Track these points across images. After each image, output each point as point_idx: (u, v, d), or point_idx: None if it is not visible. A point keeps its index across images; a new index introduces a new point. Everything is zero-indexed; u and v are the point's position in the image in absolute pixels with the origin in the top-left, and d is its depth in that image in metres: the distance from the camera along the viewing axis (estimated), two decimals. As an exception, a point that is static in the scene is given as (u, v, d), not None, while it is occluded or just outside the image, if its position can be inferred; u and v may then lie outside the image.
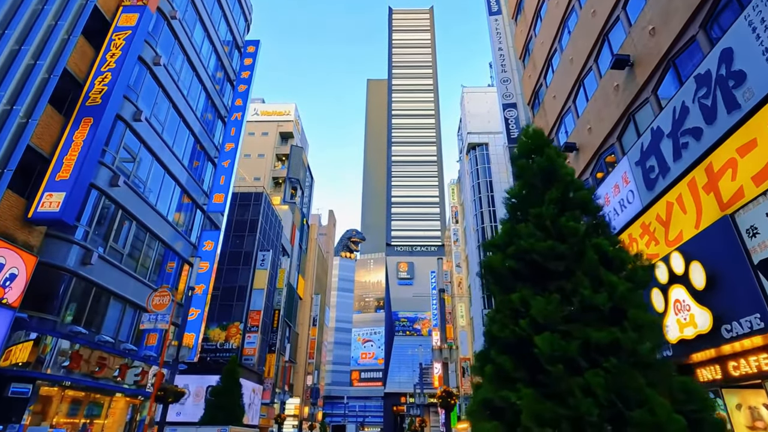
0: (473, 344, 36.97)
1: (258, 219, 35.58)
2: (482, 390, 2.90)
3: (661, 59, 10.74)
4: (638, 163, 11.18)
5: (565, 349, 2.59)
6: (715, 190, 8.34)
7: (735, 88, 7.90)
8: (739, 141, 7.81)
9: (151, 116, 21.09)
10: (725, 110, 8.11)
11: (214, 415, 13.33)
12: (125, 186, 18.75)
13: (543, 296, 2.90)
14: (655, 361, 2.71)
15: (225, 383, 14.10)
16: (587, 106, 14.88)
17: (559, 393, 2.51)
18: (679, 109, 9.49)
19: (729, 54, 8.07)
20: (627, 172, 11.71)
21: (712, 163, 8.47)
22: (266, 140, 55.70)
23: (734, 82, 7.92)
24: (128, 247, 19.41)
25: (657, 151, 10.32)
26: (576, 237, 3.21)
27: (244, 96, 30.51)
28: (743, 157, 7.70)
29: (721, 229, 7.88)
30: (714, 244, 8.01)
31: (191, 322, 22.90)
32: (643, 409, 2.34)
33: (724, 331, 7.55)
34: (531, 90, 21.07)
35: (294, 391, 48.64)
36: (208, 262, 24.63)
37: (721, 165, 8.23)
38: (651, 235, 10.63)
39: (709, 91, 8.57)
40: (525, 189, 4.02)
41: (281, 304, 40.08)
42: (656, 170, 10.39)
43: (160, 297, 13.10)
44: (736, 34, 7.97)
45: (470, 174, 39.27)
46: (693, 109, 9.03)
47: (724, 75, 8.16)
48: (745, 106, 7.67)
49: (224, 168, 27.61)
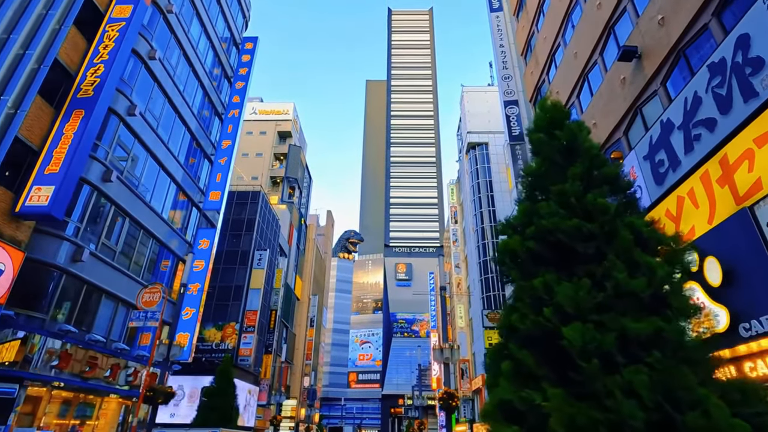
0: (472, 345, 36.57)
1: (255, 218, 35.14)
2: (499, 390, 2.51)
3: (670, 50, 10.39)
4: (647, 158, 10.82)
5: (599, 341, 2.21)
6: (731, 182, 7.97)
7: (752, 76, 7.54)
8: (757, 131, 7.45)
9: (145, 111, 20.67)
10: (741, 99, 7.75)
11: (207, 416, 12.89)
12: (118, 182, 18.33)
13: (570, 282, 2.52)
14: (704, 356, 2.34)
15: (219, 384, 13.67)
16: (592, 101, 14.53)
17: (594, 393, 2.14)
18: (691, 99, 9.13)
19: (746, 40, 7.72)
20: (635, 167, 11.35)
21: (727, 155, 8.11)
22: (264, 139, 55.28)
23: (751, 70, 7.56)
24: (121, 244, 18.96)
25: (667, 144, 9.96)
26: (606, 215, 2.83)
27: (242, 93, 30.12)
28: (761, 147, 7.34)
29: (738, 223, 7.51)
30: (731, 238, 7.64)
31: (186, 321, 22.46)
32: (696, 412, 1.97)
33: (743, 329, 7.17)
34: (533, 87, 20.72)
35: (291, 392, 48.13)
36: (204, 261, 24.20)
37: (737, 156, 7.86)
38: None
39: (723, 80, 8.21)
40: (544, 166, 3.63)
41: (278, 305, 39.61)
42: (666, 164, 10.02)
43: (151, 294, 12.66)
44: (753, 19, 7.62)
45: (470, 174, 38.92)
46: (706, 99, 8.67)
47: (741, 62, 7.80)
48: (763, 94, 7.32)
49: (221, 165, 27.19)
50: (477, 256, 35.47)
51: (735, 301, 7.38)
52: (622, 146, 12.87)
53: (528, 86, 21.75)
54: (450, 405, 10.18)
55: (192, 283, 23.55)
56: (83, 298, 16.33)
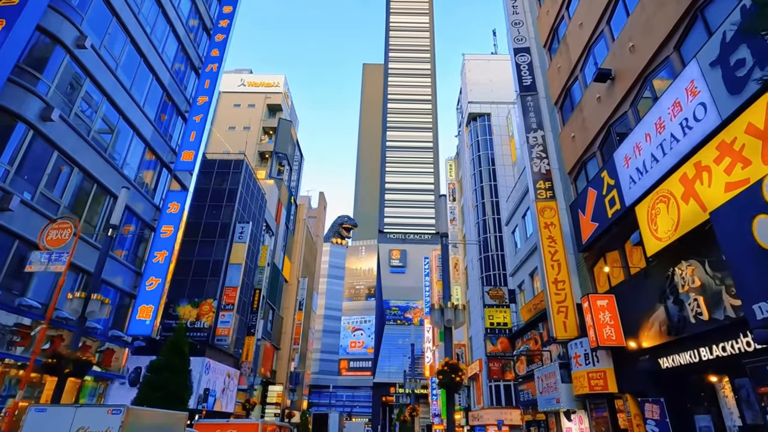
0: (469, 329, 34.26)
1: (237, 188, 32.39)
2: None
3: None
4: (716, 63, 8.26)
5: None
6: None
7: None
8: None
9: (101, 47, 17.86)
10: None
11: (149, 396, 10.34)
12: (64, 124, 15.59)
13: None
14: None
15: (168, 357, 11.09)
16: (628, 21, 11.93)
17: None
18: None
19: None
20: (695, 80, 8.79)
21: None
22: (253, 112, 52.29)
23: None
24: (68, 198, 16.25)
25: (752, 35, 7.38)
26: None
27: (222, 46, 27.23)
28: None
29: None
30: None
31: (149, 292, 19.87)
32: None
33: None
34: (549, 28, 18.08)
35: (277, 377, 45.79)
36: (173, 226, 21.53)
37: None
38: (737, 156, 7.73)
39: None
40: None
41: (263, 284, 37.04)
42: (748, 63, 7.47)
43: (59, 230, 10.03)
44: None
45: (470, 147, 36.30)
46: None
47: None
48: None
49: (195, 123, 24.41)
50: (476, 233, 33.01)
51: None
52: (672, 65, 10.29)
53: (542, 30, 19.10)
54: (452, 381, 7.74)
55: (158, 251, 20.91)
56: (12, 257, 13.65)
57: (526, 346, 19.60)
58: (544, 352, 17.67)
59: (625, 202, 11.35)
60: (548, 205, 16.04)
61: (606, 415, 13.21)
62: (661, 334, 10.33)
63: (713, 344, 8.60)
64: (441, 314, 8.61)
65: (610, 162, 12.30)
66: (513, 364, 21.31)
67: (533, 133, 17.43)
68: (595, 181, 13.30)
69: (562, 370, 14.48)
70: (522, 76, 18.72)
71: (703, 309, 8.80)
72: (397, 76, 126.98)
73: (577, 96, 15.70)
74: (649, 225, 10.29)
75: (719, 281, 8.43)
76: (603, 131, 13.46)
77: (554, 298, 14.61)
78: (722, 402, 9.13)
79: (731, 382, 8.80)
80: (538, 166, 16.85)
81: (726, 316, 8.21)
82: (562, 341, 14.30)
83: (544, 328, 18.05)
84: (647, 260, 11.03)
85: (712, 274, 8.62)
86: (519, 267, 22.47)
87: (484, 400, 27.32)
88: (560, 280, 14.82)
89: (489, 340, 25.10)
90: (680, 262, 9.53)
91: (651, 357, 10.65)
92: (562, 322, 14.30)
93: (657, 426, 10.21)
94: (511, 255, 25.63)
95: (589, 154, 14.53)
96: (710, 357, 8.71)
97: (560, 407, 14.57)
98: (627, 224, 11.68)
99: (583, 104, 14.76)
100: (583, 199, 13.97)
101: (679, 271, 9.58)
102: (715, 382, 9.24)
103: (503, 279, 29.29)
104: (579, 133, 15.05)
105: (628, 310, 11.81)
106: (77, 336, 9.51)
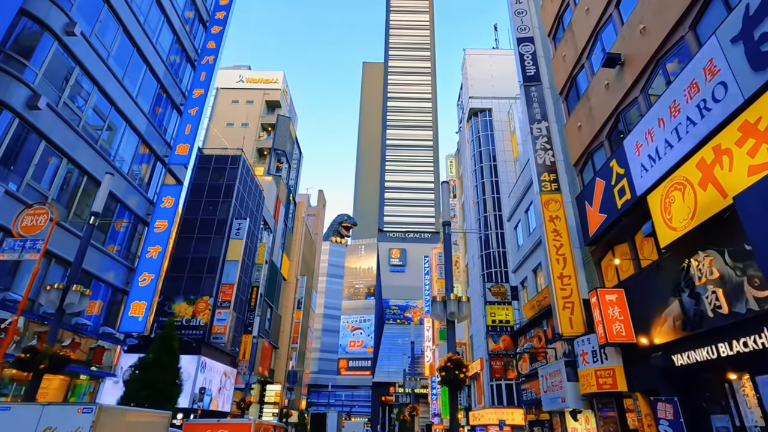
0: (470, 328, 33.75)
1: (234, 184, 31.85)
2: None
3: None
4: (737, 39, 7.73)
5: None
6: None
7: None
8: None
9: (92, 35, 17.32)
10: None
11: (135, 394, 9.82)
12: (52, 113, 15.06)
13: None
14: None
15: (156, 354, 10.56)
16: (639, 2, 11.40)
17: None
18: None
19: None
20: (714, 58, 8.26)
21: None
22: (251, 109, 51.75)
23: None
24: (56, 190, 15.72)
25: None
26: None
27: (218, 38, 26.69)
28: None
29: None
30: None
31: (142, 288, 19.34)
32: None
33: None
34: (554, 16, 17.55)
35: (275, 377, 45.27)
36: (167, 221, 21.00)
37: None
38: (761, 137, 7.20)
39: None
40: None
41: (261, 282, 36.52)
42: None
43: (34, 216, 9.47)
44: None
45: (471, 143, 35.77)
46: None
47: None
48: None
49: (191, 116, 23.85)
50: (477, 230, 32.48)
51: None
52: (686, 46, 9.76)
53: (546, 19, 18.57)
54: (456, 378, 7.20)
55: (152, 246, 20.38)
56: None
57: (530, 343, 19.07)
58: (548, 350, 17.14)
59: (636, 191, 10.82)
60: (553, 197, 15.51)
61: (614, 414, 12.68)
62: (675, 330, 9.81)
63: (733, 339, 8.07)
64: (443, 307, 8.03)
65: (619, 150, 11.77)
66: (515, 362, 20.79)
67: (537, 124, 16.89)
68: (603, 171, 12.77)
69: (567, 368, 13.95)
70: (525, 67, 18.19)
71: (723, 302, 8.27)
72: (397, 74, 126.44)
73: (583, 85, 15.17)
74: (662, 214, 9.76)
75: (740, 272, 7.90)
76: (611, 119, 12.93)
77: (560, 294, 14.08)
78: (741, 401, 8.60)
79: (752, 380, 8.27)
80: (543, 158, 16.31)
81: (748, 309, 7.68)
82: (568, 338, 13.77)
83: (548, 325, 17.52)
84: (660, 252, 10.50)
85: (733, 265, 8.09)
86: (521, 263, 21.95)
87: (485, 399, 26.80)
88: (566, 274, 14.29)
89: (491, 337, 24.58)
90: (696, 252, 9.01)
91: (664, 354, 10.12)
92: (568, 318, 13.77)
93: (671, 426, 9.69)
94: (513, 251, 25.11)
95: (597, 144, 14.00)
96: (730, 353, 8.18)
97: (566, 407, 14.03)
98: (637, 215, 11.15)
99: (590, 92, 14.23)
100: (590, 190, 13.44)
101: (696, 262, 9.05)
102: (734, 380, 8.71)
103: (505, 276, 28.76)
104: (585, 123, 14.52)
105: (639, 305, 11.28)
106: (54, 330, 8.96)
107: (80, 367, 16.78)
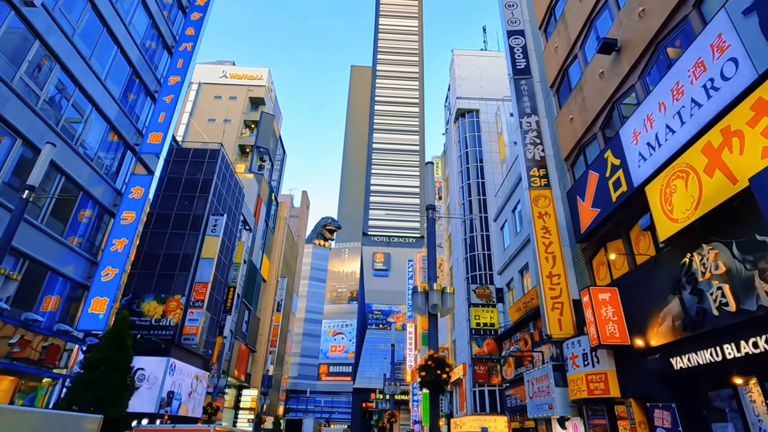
0: (453, 332, 32.94)
1: (212, 179, 30.58)
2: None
3: None
4: (750, 10, 7.07)
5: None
6: None
7: None
8: None
9: (55, 9, 16.10)
10: None
11: (79, 395, 8.66)
12: (3, 87, 13.78)
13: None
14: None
15: (107, 351, 9.40)
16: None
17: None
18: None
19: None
20: (724, 33, 7.60)
21: None
22: (234, 105, 50.45)
23: None
24: (7, 173, 14.41)
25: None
26: None
27: (198, 25, 25.57)
28: None
29: None
30: None
31: (105, 283, 18.00)
32: None
33: None
34: (546, 7, 16.99)
35: (252, 381, 43.73)
36: (135, 213, 19.70)
37: None
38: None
39: None
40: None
41: (238, 281, 35.16)
42: (797, 2, 6.27)
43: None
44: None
45: (458, 143, 35.17)
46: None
47: None
48: None
49: (165, 104, 22.62)
50: (462, 232, 31.77)
51: None
52: (689, 28, 9.13)
53: (538, 10, 18.02)
54: (438, 378, 6.29)
55: (118, 238, 19.05)
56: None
57: (516, 346, 18.29)
58: (535, 354, 16.38)
59: (633, 182, 10.14)
60: (542, 193, 14.82)
61: (604, 422, 11.93)
62: (674, 330, 9.09)
63: (741, 339, 7.35)
64: (425, 298, 7.14)
65: (615, 140, 11.10)
66: (500, 367, 19.99)
67: (527, 118, 16.24)
68: (596, 163, 12.10)
69: (555, 373, 13.18)
70: (516, 60, 17.57)
71: (730, 299, 7.56)
72: (385, 78, 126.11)
73: (575, 76, 14.56)
74: (662, 205, 9.07)
75: (751, 265, 7.20)
76: (606, 109, 12.29)
77: (548, 294, 13.34)
78: (748, 407, 7.88)
79: (760, 384, 7.56)
80: (532, 153, 15.63)
81: (759, 306, 6.97)
82: (557, 340, 13.01)
83: (535, 328, 16.77)
84: (658, 247, 9.81)
85: (742, 258, 7.40)
86: (508, 264, 21.23)
87: (468, 406, 25.92)
88: (555, 273, 13.57)
89: (475, 341, 23.77)
90: (700, 246, 8.31)
91: (661, 356, 9.39)
92: (557, 319, 13.02)
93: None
94: (499, 253, 24.41)
95: (590, 137, 13.36)
96: (737, 355, 7.46)
97: (553, 413, 13.24)
98: (634, 208, 10.47)
99: (583, 83, 13.61)
100: (583, 184, 12.76)
101: (699, 256, 8.36)
102: (740, 385, 8.00)
103: (490, 279, 28.06)
104: (578, 115, 13.88)
105: (634, 304, 10.57)
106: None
107: (30, 366, 15.37)
